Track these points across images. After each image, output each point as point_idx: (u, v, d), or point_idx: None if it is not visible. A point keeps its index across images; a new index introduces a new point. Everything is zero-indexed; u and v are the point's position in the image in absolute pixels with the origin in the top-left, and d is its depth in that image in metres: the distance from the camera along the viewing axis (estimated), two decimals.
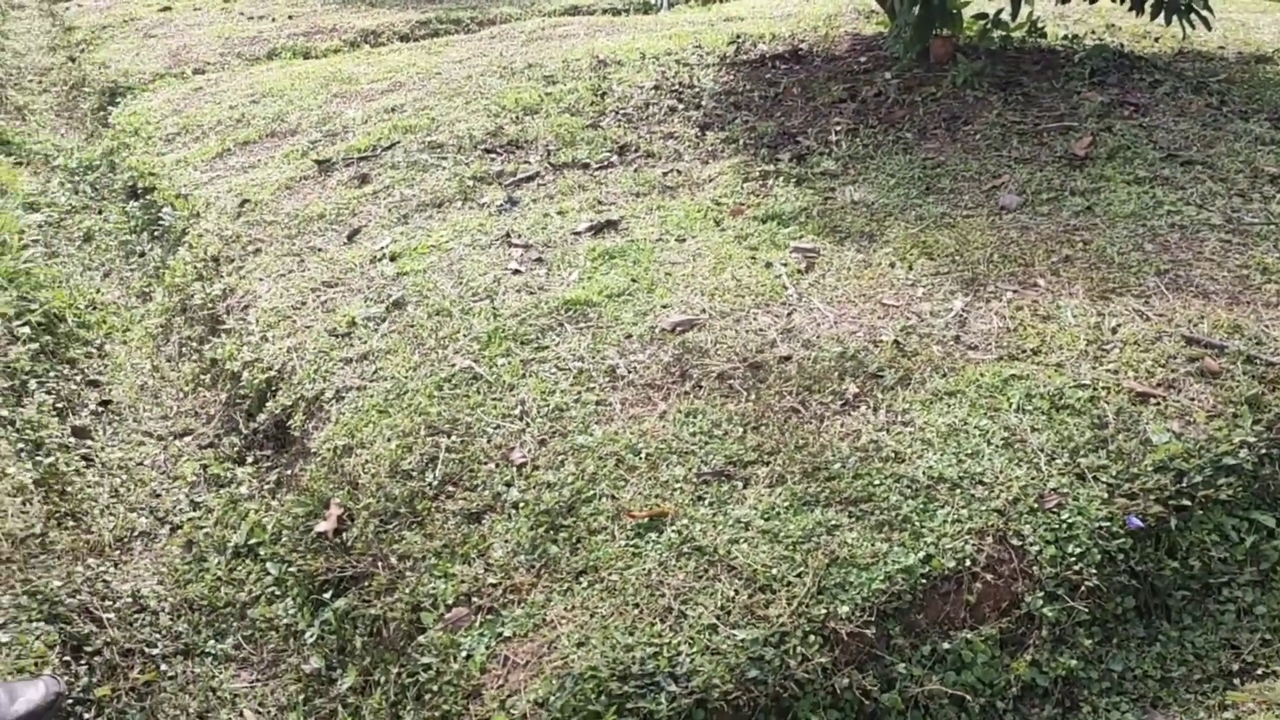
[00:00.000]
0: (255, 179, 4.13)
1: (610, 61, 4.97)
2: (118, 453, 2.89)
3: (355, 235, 3.53)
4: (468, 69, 5.21)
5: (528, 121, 4.32)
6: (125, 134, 5.07)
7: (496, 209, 3.59)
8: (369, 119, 4.59)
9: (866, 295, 2.77)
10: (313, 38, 6.60)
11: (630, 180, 3.71)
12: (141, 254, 4.21)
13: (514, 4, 7.45)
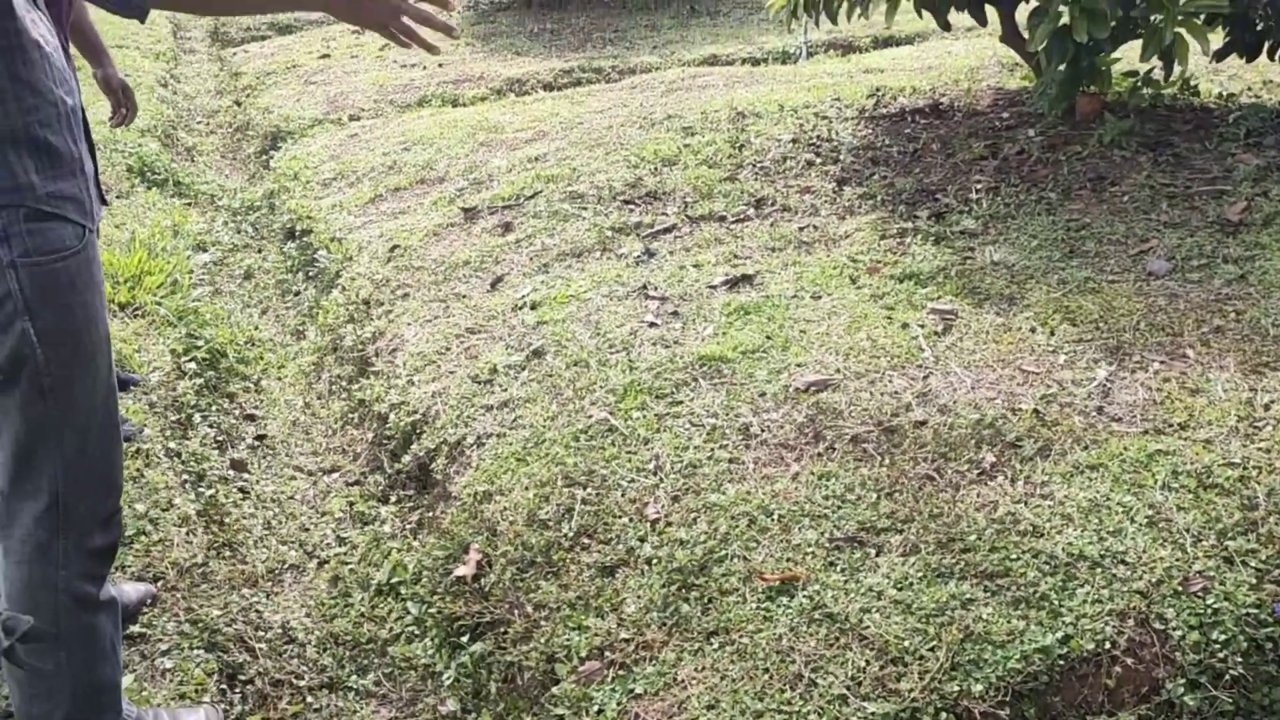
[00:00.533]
0: (405, 225, 4.31)
1: (748, 113, 5.03)
2: (271, 486, 3.05)
3: (498, 283, 3.65)
4: (608, 119, 5.34)
5: (666, 173, 4.41)
6: (285, 177, 5.35)
7: (634, 260, 3.67)
8: (513, 168, 4.75)
9: (1006, 360, 2.74)
10: (461, 85, 6.86)
11: (766, 234, 3.75)
12: (297, 293, 4.43)
13: (654, 52, 7.60)
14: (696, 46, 7.71)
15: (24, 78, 1.56)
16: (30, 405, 1.60)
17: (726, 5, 9.34)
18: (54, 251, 1.59)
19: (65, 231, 1.61)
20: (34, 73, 1.57)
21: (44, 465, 1.63)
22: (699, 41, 7.91)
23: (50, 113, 1.60)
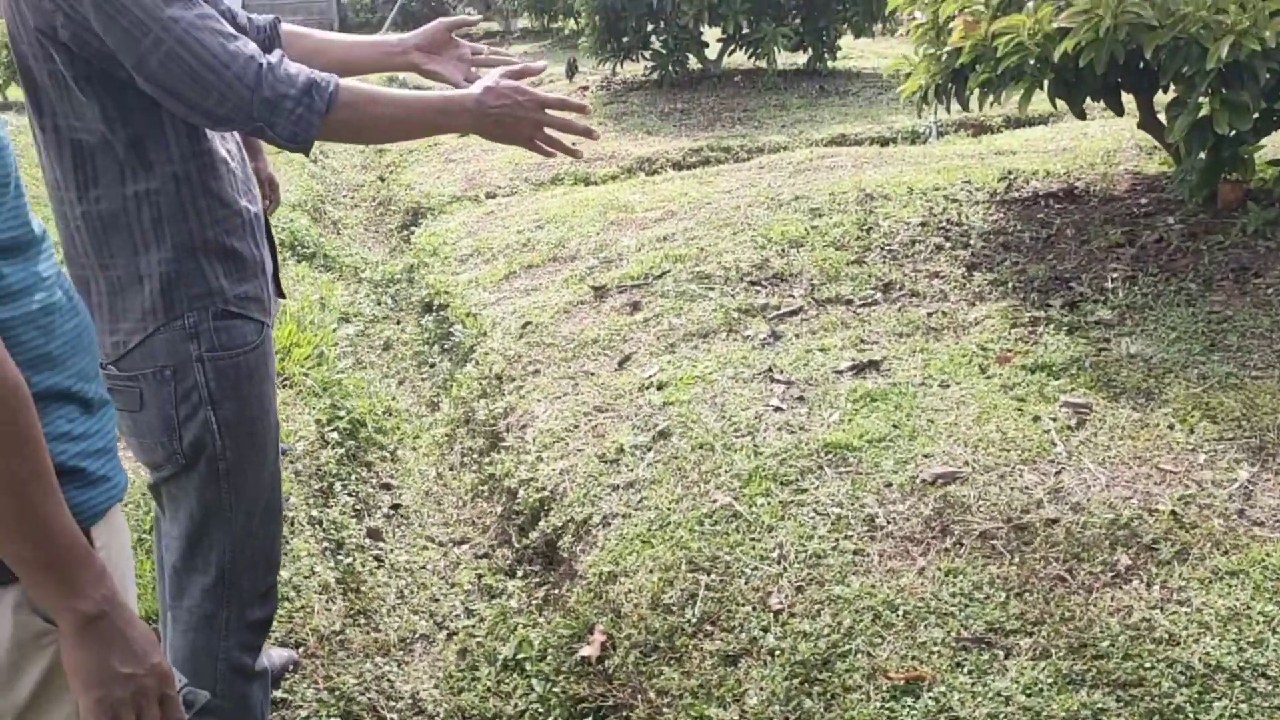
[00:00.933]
0: (537, 302, 4.45)
1: (877, 195, 5.06)
2: (404, 555, 3.16)
3: (625, 362, 3.73)
4: (736, 199, 5.43)
5: (793, 254, 4.46)
6: (425, 253, 5.58)
7: (760, 342, 3.71)
8: (642, 247, 4.86)
9: (1142, 458, 2.68)
10: (593, 164, 7.06)
11: (894, 319, 3.75)
12: (432, 365, 4.60)
13: (783, 131, 7.70)
14: (825, 126, 7.78)
15: (214, 191, 1.71)
16: (207, 488, 1.73)
17: (856, 85, 9.41)
18: (237, 347, 1.74)
19: (247, 329, 1.77)
20: (222, 186, 1.73)
21: (214, 542, 1.76)
22: (828, 121, 7.98)
23: (235, 222, 1.75)
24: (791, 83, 9.56)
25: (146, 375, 1.71)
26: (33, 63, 1.61)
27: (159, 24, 1.50)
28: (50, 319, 1.18)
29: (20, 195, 1.17)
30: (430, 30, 2.07)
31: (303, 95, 1.58)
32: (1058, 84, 3.74)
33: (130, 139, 1.63)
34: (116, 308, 1.70)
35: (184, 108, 1.56)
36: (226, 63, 1.53)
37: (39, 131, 1.66)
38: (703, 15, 9.14)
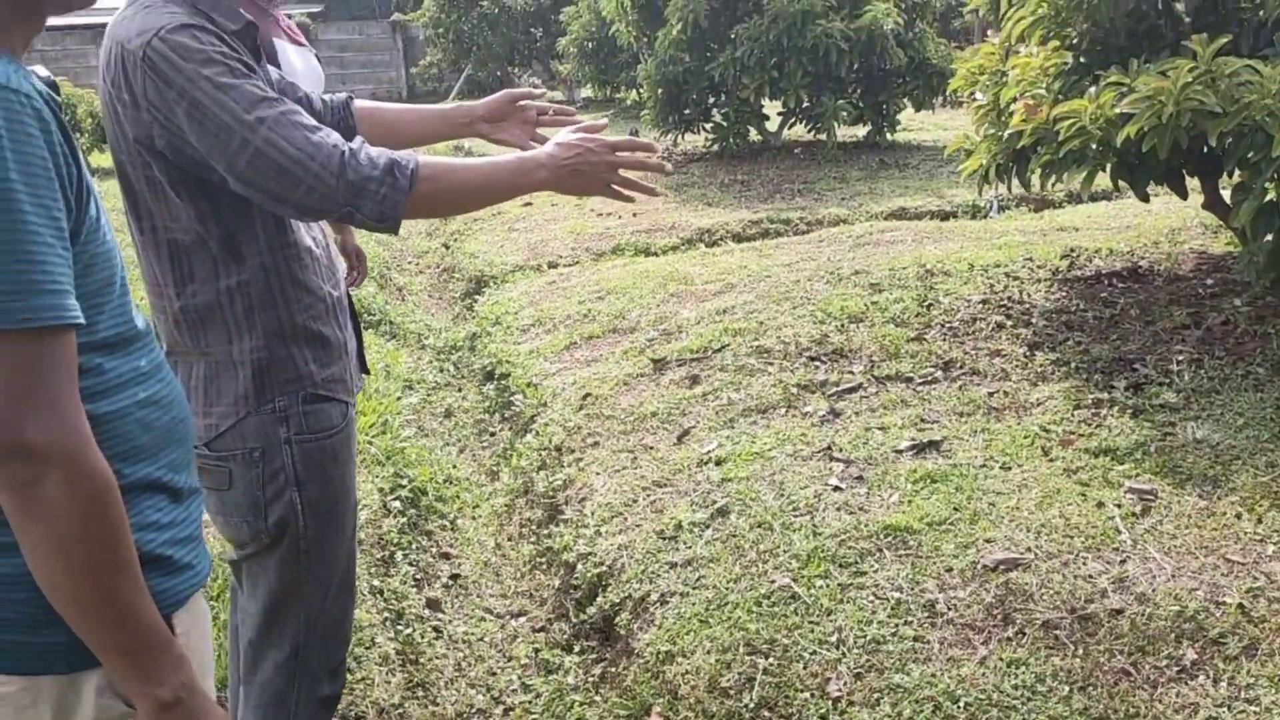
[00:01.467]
0: (597, 373, 4.50)
1: (937, 271, 5.07)
2: (462, 627, 3.19)
3: (684, 436, 3.76)
4: (796, 273, 5.46)
5: (852, 330, 4.47)
6: (487, 321, 5.68)
7: (819, 419, 3.72)
8: (701, 319, 4.91)
9: (1208, 548, 2.63)
10: (653, 235, 7.16)
11: (954, 398, 3.74)
12: (493, 433, 4.66)
13: (843, 204, 7.74)
14: (885, 199, 7.82)
15: (300, 280, 1.80)
16: (286, 566, 1.79)
17: (915, 158, 9.45)
18: (323, 430, 1.82)
19: (333, 411, 1.85)
20: (307, 274, 1.82)
21: (290, 619, 1.81)
22: (888, 194, 8.02)
23: (320, 307, 1.84)
24: (851, 155, 9.63)
25: (236, 456, 1.78)
26: (130, 170, 1.71)
27: (245, 126, 1.58)
28: (147, 412, 1.24)
29: (125, 293, 1.24)
30: (495, 100, 2.16)
31: (385, 176, 1.63)
32: (1120, 167, 3.74)
33: (223, 236, 1.72)
34: (211, 392, 1.78)
35: (274, 202, 1.64)
36: (312, 154, 1.60)
37: (137, 233, 1.77)
38: (763, 89, 9.27)
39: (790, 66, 9.09)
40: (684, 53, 9.57)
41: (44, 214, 1.09)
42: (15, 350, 1.07)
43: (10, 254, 1.06)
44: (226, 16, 1.71)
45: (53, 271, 1.09)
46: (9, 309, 1.06)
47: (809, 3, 8.95)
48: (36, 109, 1.10)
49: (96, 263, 1.19)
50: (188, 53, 1.58)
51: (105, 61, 1.68)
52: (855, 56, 9.15)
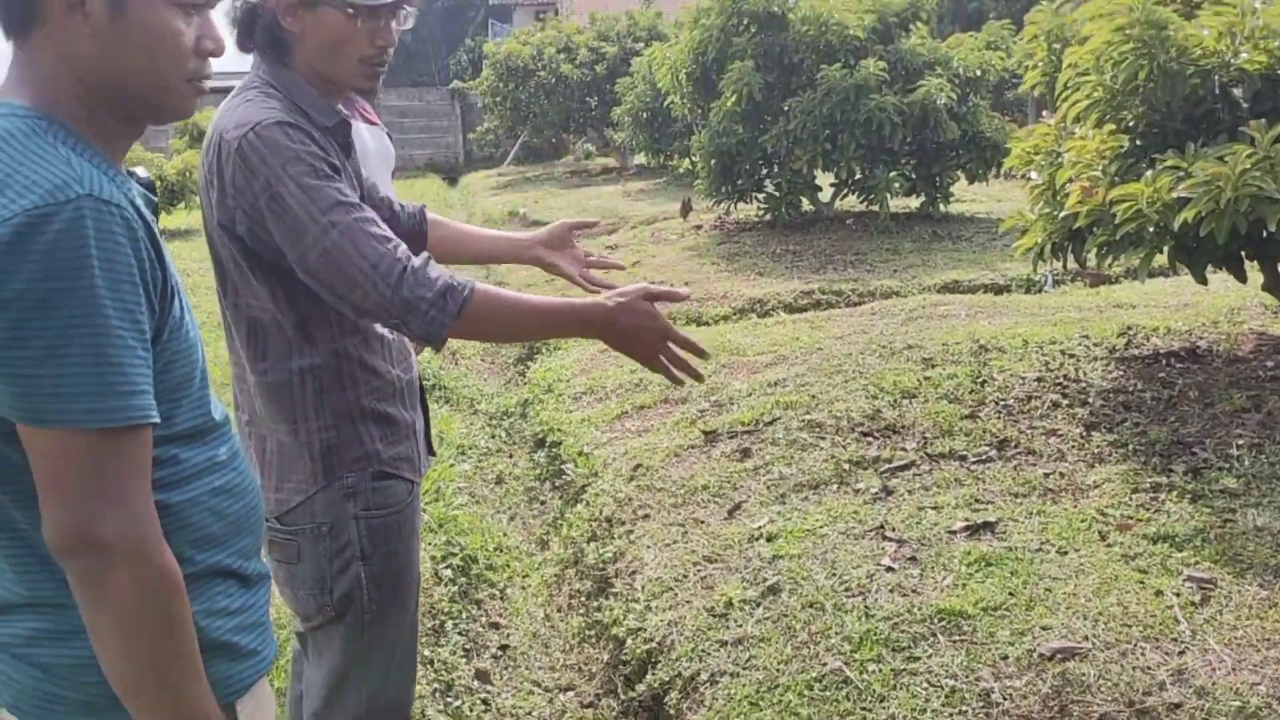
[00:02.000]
0: (648, 443, 4.52)
1: (991, 347, 5.04)
2: (510, 700, 3.19)
3: (735, 510, 3.75)
4: (848, 345, 5.46)
5: (905, 405, 4.46)
6: (539, 388, 5.73)
7: (871, 496, 3.70)
8: (753, 391, 4.92)
9: (1271, 640, 2.58)
10: (705, 304, 7.20)
11: (1009, 479, 3.71)
12: (543, 502, 4.69)
13: (895, 276, 7.75)
14: (938, 271, 7.81)
15: (369, 364, 1.89)
16: (351, 639, 1.84)
17: (969, 230, 9.45)
18: (390, 506, 1.89)
19: (399, 488, 1.91)
20: (376, 358, 1.90)
21: (353, 691, 1.86)
22: (941, 266, 8.02)
23: (389, 390, 1.92)
24: (904, 226, 9.65)
25: (305, 531, 1.85)
26: (220, 248, 1.81)
27: (319, 226, 1.67)
28: (220, 500, 1.29)
29: (205, 386, 1.30)
30: (554, 230, 2.28)
31: (438, 298, 1.69)
32: (1178, 250, 3.73)
33: (297, 320, 1.81)
34: (283, 468, 1.86)
35: (334, 298, 1.72)
36: (375, 263, 1.68)
37: (222, 309, 1.87)
38: (816, 161, 9.35)
39: (843, 139, 9.17)
40: (737, 124, 9.69)
41: (126, 318, 1.15)
42: (91, 448, 1.14)
43: (93, 357, 1.13)
44: (321, 114, 1.82)
45: (131, 374, 1.16)
46: (87, 409, 1.13)
47: (862, 77, 9.04)
48: (125, 218, 1.17)
49: (178, 359, 1.25)
50: (277, 149, 1.68)
51: (205, 146, 1.80)
52: (908, 130, 9.21)
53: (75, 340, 1.12)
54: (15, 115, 1.21)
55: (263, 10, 1.81)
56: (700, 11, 10.27)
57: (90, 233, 1.13)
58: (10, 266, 1.11)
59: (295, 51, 1.84)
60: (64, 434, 1.13)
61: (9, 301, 1.11)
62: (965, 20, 31.34)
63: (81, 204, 1.13)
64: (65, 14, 1.21)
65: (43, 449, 1.14)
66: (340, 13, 1.81)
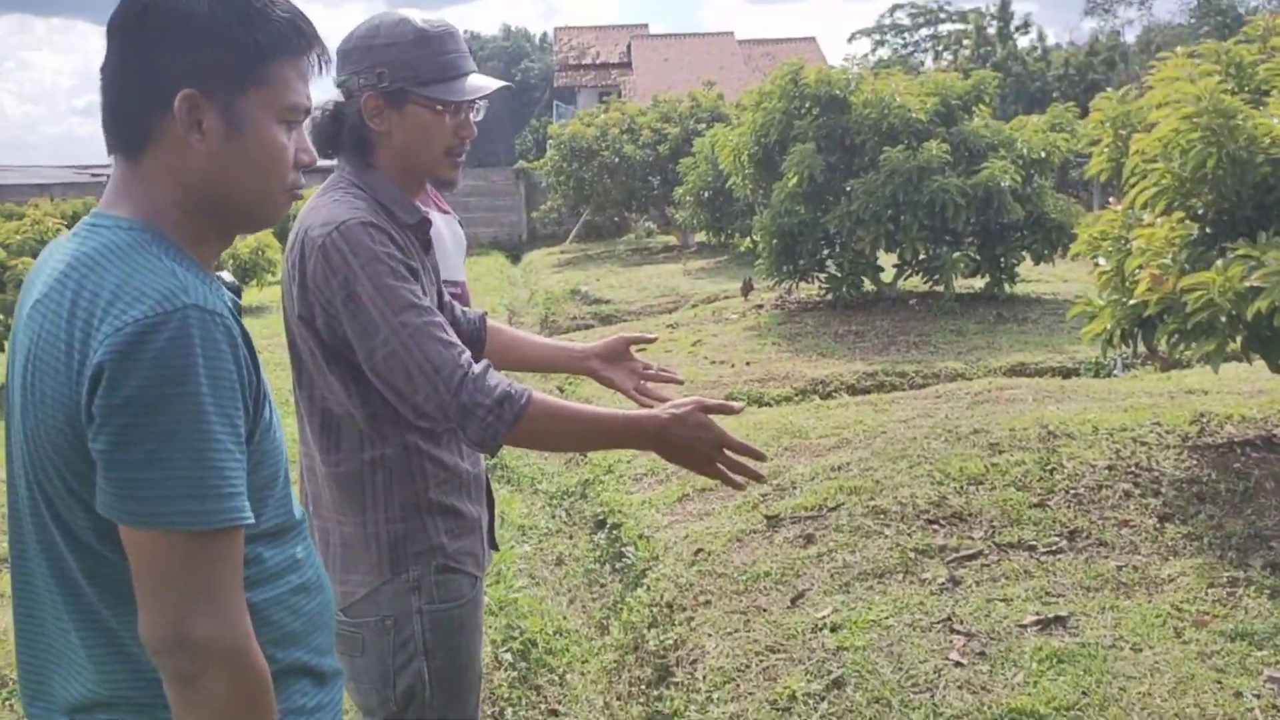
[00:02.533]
0: (710, 527, 4.49)
1: (1059, 433, 4.96)
2: None
3: (798, 599, 3.70)
4: (912, 429, 5.41)
5: (972, 492, 4.39)
6: (599, 469, 5.74)
7: (938, 587, 3.63)
8: (815, 475, 4.88)
9: None
10: (766, 384, 7.19)
11: (1080, 571, 3.62)
12: (603, 585, 4.66)
13: (960, 358, 7.68)
14: (1004, 354, 7.73)
15: (436, 457, 1.92)
16: None
17: (1035, 311, 9.36)
18: (452, 600, 1.90)
19: (463, 583, 1.93)
20: (444, 452, 1.93)
21: None
22: (1006, 348, 7.93)
23: (455, 483, 1.94)
24: (969, 307, 9.59)
25: (370, 624, 1.87)
26: (298, 341, 1.87)
27: (390, 327, 1.73)
28: (299, 598, 1.31)
29: (287, 485, 1.33)
30: (611, 343, 2.31)
31: (495, 405, 1.73)
32: (1251, 339, 3.66)
33: (368, 414, 1.85)
34: (349, 559, 1.89)
35: (396, 398, 1.77)
36: (438, 367, 1.72)
37: (298, 398, 1.92)
38: (879, 241, 9.36)
39: (906, 220, 9.18)
40: (799, 204, 9.76)
41: (226, 422, 1.20)
42: (190, 549, 1.18)
43: (195, 461, 1.17)
44: (405, 211, 1.90)
45: (230, 476, 1.20)
46: (188, 511, 1.17)
47: (925, 159, 9.08)
48: (227, 326, 1.23)
49: (265, 460, 1.29)
50: (359, 248, 1.75)
51: (290, 243, 1.87)
52: (972, 211, 9.20)
53: (179, 444, 1.16)
54: (120, 228, 1.27)
55: (347, 114, 1.89)
56: (763, 95, 10.42)
57: (196, 340, 1.18)
58: (123, 373, 1.15)
59: (380, 150, 1.91)
60: (164, 535, 1.17)
61: (119, 407, 1.15)
62: (1029, 100, 31.48)
63: (188, 313, 1.18)
64: (183, 133, 1.27)
65: (142, 549, 1.18)
66: (427, 109, 1.88)
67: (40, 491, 1.25)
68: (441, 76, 1.87)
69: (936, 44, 47.90)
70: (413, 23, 1.88)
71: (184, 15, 1.25)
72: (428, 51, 1.87)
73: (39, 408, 1.22)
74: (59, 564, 1.26)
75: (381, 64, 1.85)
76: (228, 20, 1.27)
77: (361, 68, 1.86)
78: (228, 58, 1.27)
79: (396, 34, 1.87)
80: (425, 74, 1.86)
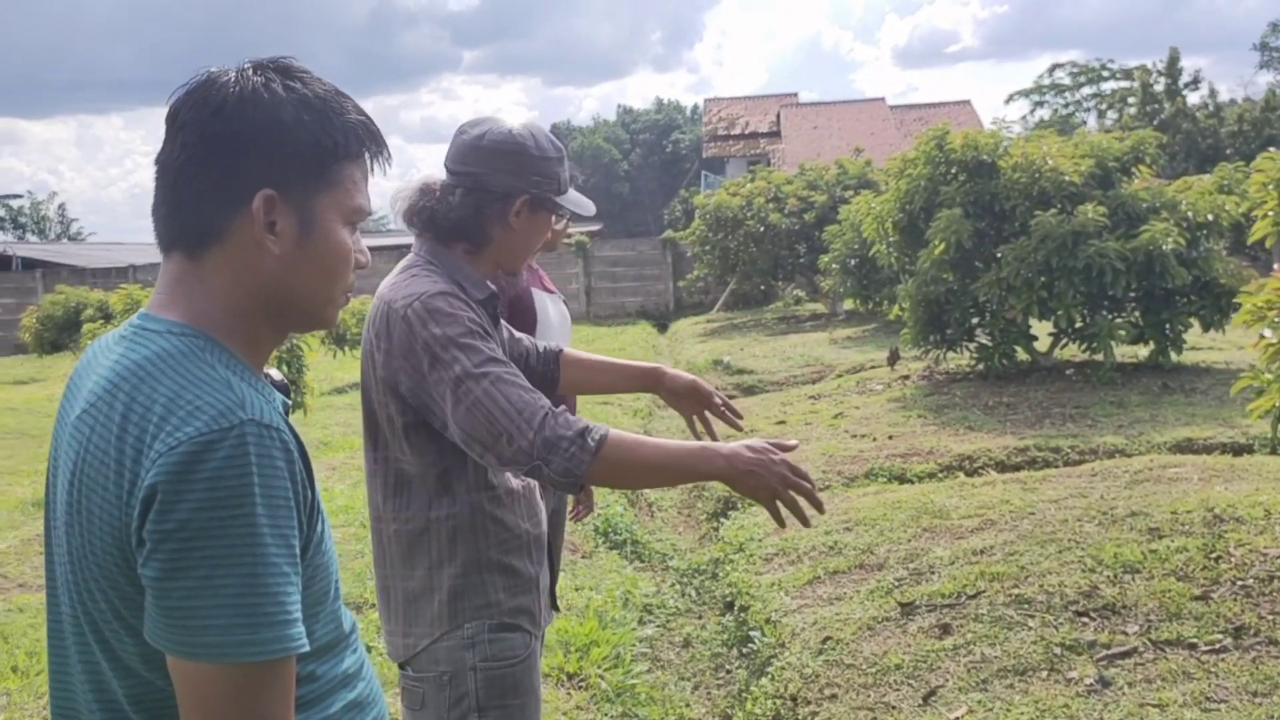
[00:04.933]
0: (839, 613, 4.28)
1: (1228, 517, 4.57)
2: None
3: (930, 696, 3.46)
4: (1063, 511, 5.07)
5: (1127, 582, 4.06)
6: (730, 547, 5.58)
7: (1085, 688, 3.34)
8: (955, 560, 4.61)
9: None
10: (909, 459, 6.91)
11: (1247, 674, 3.28)
12: (729, 671, 4.48)
13: (1119, 432, 7.22)
14: (1168, 428, 7.23)
15: (499, 517, 2.02)
16: None
17: (1204, 382, 8.76)
18: (507, 658, 1.97)
19: (517, 641, 2.00)
20: (505, 512, 2.03)
21: None
22: (1171, 422, 7.42)
23: (516, 543, 2.03)
24: (1130, 377, 9.05)
25: (429, 678, 1.95)
26: (376, 405, 2.00)
27: (471, 377, 1.84)
28: (352, 715, 1.25)
29: (338, 598, 1.28)
30: (686, 381, 2.43)
31: (577, 437, 1.81)
32: None
33: (440, 473, 1.97)
34: (411, 612, 1.99)
35: (479, 448, 1.85)
36: (520, 409, 1.82)
37: (370, 460, 2.05)
38: (1031, 309, 8.96)
39: (1060, 286, 8.76)
40: (946, 272, 9.46)
41: (282, 543, 1.14)
42: (242, 682, 1.11)
43: (250, 588, 1.11)
44: (476, 287, 2.06)
45: (285, 602, 1.13)
46: (242, 642, 1.10)
47: (1080, 223, 8.68)
48: (284, 441, 1.17)
49: (318, 575, 1.24)
50: (438, 314, 1.90)
51: (372, 316, 2.02)
52: (1132, 276, 8.71)
53: (233, 570, 1.10)
54: (171, 333, 1.21)
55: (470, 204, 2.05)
56: (907, 161, 10.20)
57: (253, 459, 1.12)
58: (177, 496, 1.10)
59: (498, 242, 2.09)
60: (215, 667, 1.10)
61: (172, 532, 1.10)
62: (1200, 158, 30.06)
63: (245, 430, 1.13)
64: (258, 234, 1.23)
65: (191, 681, 1.11)
66: (548, 215, 2.13)
67: (84, 611, 1.19)
68: (564, 190, 2.13)
69: (1100, 103, 46.46)
70: (550, 138, 2.11)
71: (268, 115, 1.22)
72: (560, 167, 2.11)
73: (86, 526, 1.16)
74: (102, 687, 1.20)
75: (536, 173, 2.06)
76: (310, 122, 1.24)
77: (516, 171, 2.05)
78: (306, 159, 1.24)
79: (543, 147, 2.08)
80: (559, 186, 2.11)
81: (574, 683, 3.84)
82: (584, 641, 4.08)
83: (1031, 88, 49.27)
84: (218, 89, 1.23)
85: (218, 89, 1.23)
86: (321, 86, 1.28)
